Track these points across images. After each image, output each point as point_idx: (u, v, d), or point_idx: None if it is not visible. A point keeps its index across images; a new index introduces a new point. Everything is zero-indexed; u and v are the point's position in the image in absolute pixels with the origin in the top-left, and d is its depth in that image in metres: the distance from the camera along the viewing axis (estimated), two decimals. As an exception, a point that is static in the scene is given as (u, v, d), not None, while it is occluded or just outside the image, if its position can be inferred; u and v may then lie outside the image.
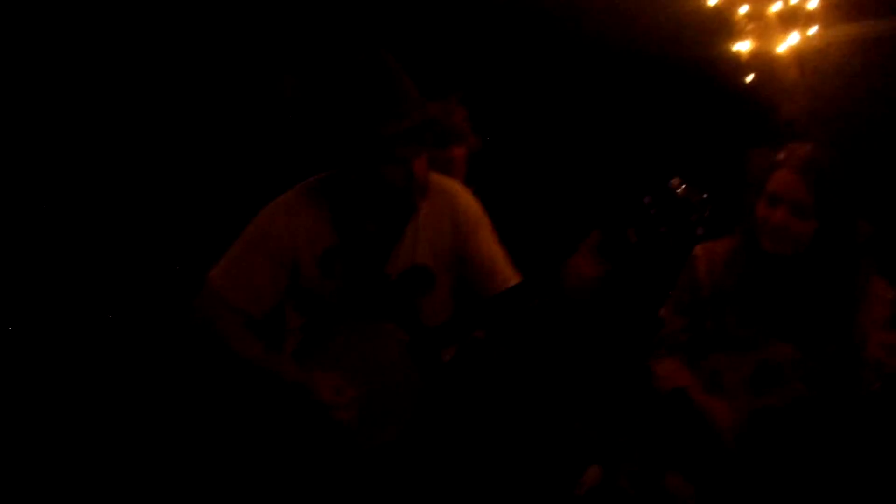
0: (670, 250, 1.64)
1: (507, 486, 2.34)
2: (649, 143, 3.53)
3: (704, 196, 1.59)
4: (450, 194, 2.07)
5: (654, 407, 2.17)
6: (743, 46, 3.42)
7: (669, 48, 3.52)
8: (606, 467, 2.49)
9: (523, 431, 2.70)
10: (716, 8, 3.43)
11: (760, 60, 3.39)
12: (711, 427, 1.98)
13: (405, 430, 1.97)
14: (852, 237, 1.97)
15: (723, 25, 3.45)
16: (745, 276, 2.03)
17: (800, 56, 3.35)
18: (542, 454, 2.74)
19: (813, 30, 3.33)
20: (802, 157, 1.94)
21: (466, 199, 2.08)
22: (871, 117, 3.18)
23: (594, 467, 2.45)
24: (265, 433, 2.02)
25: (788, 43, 3.34)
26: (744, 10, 3.39)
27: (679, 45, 3.54)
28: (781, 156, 1.97)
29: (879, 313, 1.90)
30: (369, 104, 1.83)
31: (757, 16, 3.38)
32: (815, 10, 3.32)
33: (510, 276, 2.02)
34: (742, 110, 3.41)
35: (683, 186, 1.60)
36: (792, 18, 3.36)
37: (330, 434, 1.96)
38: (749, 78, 3.43)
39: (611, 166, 3.39)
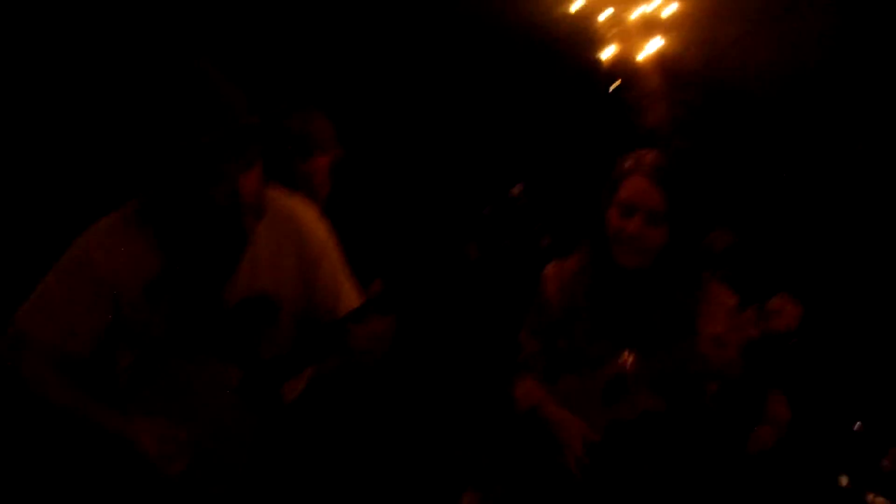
0: (515, 264, 1.56)
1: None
2: (506, 151, 3.50)
3: (548, 204, 1.51)
4: (293, 217, 1.92)
5: (517, 431, 2.12)
6: (606, 54, 3.46)
7: (534, 56, 3.52)
8: (483, 492, 2.43)
9: (389, 460, 2.60)
10: (578, 15, 3.45)
11: (623, 68, 3.44)
12: (559, 443, 1.94)
13: (242, 478, 1.81)
14: (697, 245, 1.96)
15: (586, 33, 3.48)
16: (594, 290, 1.98)
17: (661, 63, 3.42)
18: (416, 482, 2.65)
19: (671, 37, 3.41)
20: (653, 163, 1.88)
21: (311, 222, 1.94)
22: (729, 123, 3.28)
23: (470, 493, 2.38)
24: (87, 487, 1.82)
25: (648, 50, 3.41)
26: (604, 16, 3.43)
27: (544, 53, 3.54)
28: (630, 163, 1.90)
29: (721, 320, 1.89)
30: (183, 112, 1.67)
31: (617, 22, 3.42)
32: (673, 17, 3.39)
33: (355, 304, 1.90)
34: (607, 117, 3.44)
35: (524, 194, 1.51)
36: (651, 26, 3.43)
37: (160, 488, 1.77)
38: (613, 85, 3.47)
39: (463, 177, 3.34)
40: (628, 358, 1.91)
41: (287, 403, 1.88)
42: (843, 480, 2.02)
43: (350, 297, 1.93)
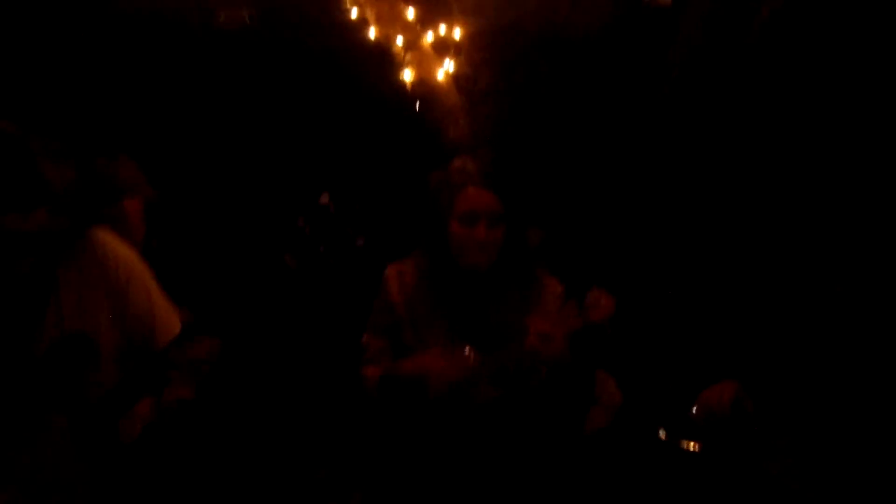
0: (333, 267, 1.63)
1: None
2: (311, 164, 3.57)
3: (357, 207, 1.59)
4: (95, 250, 1.85)
5: (371, 425, 2.15)
6: (406, 76, 3.63)
7: (340, 77, 3.62)
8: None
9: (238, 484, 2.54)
10: (377, 41, 3.61)
11: (423, 88, 3.62)
12: (424, 386, 1.98)
13: None
14: (522, 238, 2.11)
15: (386, 57, 3.64)
16: (437, 291, 2.08)
17: (456, 81, 3.64)
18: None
19: (460, 57, 3.64)
20: (479, 170, 2.02)
21: (113, 253, 1.88)
22: (521, 129, 3.54)
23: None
24: None
25: (444, 70, 3.62)
26: (399, 41, 3.60)
27: (349, 75, 3.65)
28: (456, 176, 2.03)
29: (550, 313, 2.04)
30: None
31: (413, 46, 3.61)
32: (461, 39, 3.63)
33: (174, 326, 1.88)
34: (414, 134, 3.59)
35: (333, 201, 1.59)
36: (444, 48, 3.64)
37: None
38: (416, 104, 3.63)
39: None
40: (469, 354, 2.01)
41: (126, 443, 1.81)
42: (662, 433, 2.25)
43: (166, 315, 1.88)
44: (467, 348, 1.99)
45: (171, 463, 1.95)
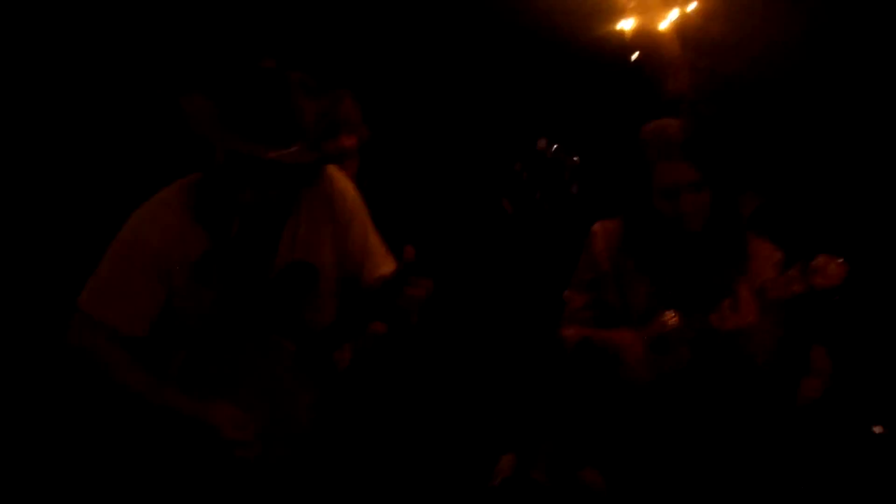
0: (548, 215, 1.60)
1: (420, 476, 2.28)
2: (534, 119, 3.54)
3: (574, 155, 1.56)
4: (324, 183, 1.95)
5: (563, 380, 2.18)
6: (627, 24, 3.47)
7: (556, 27, 3.53)
8: (521, 457, 2.47)
9: (432, 423, 2.65)
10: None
11: (644, 38, 3.45)
12: (620, 364, 2.01)
13: (304, 444, 1.86)
14: (733, 201, 2.03)
15: (607, 4, 3.49)
16: (642, 250, 2.07)
17: (681, 32, 3.42)
18: (455, 444, 2.69)
19: (692, 6, 3.41)
20: (676, 140, 1.97)
21: (341, 187, 1.98)
22: (750, 90, 3.28)
23: (508, 456, 2.42)
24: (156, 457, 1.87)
25: (669, 19, 3.41)
26: (625, -12, 3.44)
27: (566, 24, 3.55)
28: (654, 148, 1.99)
29: (767, 274, 1.97)
30: (261, 120, 1.71)
31: (638, -7, 3.44)
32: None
33: (385, 266, 1.95)
34: (630, 86, 3.46)
35: (552, 147, 1.56)
36: (670, -4, 3.44)
37: (228, 462, 1.83)
38: (634, 55, 3.48)
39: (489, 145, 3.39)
40: (672, 316, 1.99)
41: (341, 371, 1.93)
42: (878, 429, 2.08)
43: (380, 258, 1.98)
44: (670, 312, 1.97)
45: (376, 393, 2.07)
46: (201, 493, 1.84)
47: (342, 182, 2.01)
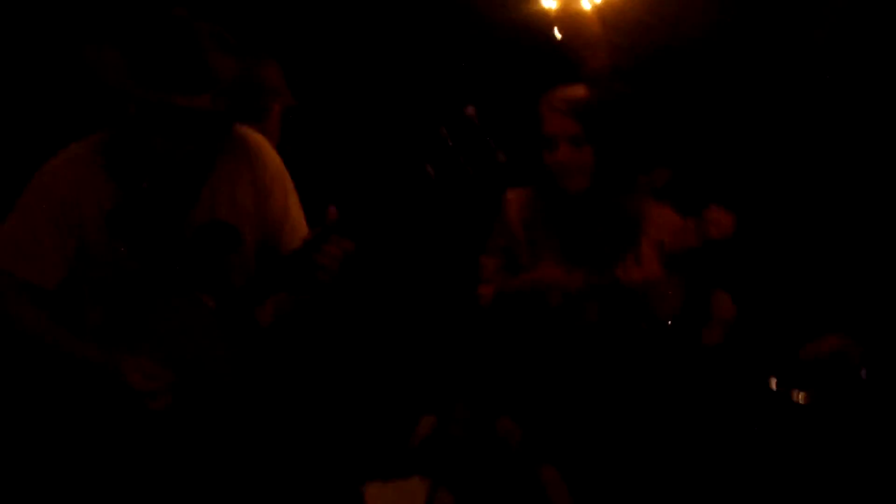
0: (473, 181, 1.65)
1: (340, 442, 2.31)
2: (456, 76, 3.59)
3: (501, 122, 1.61)
4: (247, 146, 1.98)
5: (481, 341, 2.24)
6: (550, 3, 3.55)
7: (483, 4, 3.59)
8: (440, 417, 2.52)
9: (353, 386, 2.68)
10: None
11: (567, 17, 3.53)
12: (543, 291, 2.09)
13: (227, 404, 1.87)
14: (628, 168, 2.14)
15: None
16: (548, 213, 2.16)
17: (601, 13, 3.52)
18: (375, 408, 2.73)
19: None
20: (563, 97, 2.13)
21: (264, 151, 2.01)
22: (666, 68, 3.40)
23: (428, 417, 2.48)
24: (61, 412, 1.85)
25: (591, 0, 3.50)
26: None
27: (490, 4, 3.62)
28: (545, 103, 2.17)
29: (667, 228, 2.08)
30: (167, 69, 1.72)
31: (560, -27, 3.51)
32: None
33: (301, 233, 1.97)
34: (551, 63, 3.54)
35: (476, 114, 1.60)
36: (592, -23, 3.52)
37: (137, 414, 1.82)
38: (557, 34, 3.56)
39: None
40: (580, 275, 2.08)
41: (262, 328, 1.94)
42: (772, 383, 2.21)
43: (298, 225, 1.99)
44: (575, 269, 2.05)
45: (298, 351, 2.09)
46: (112, 442, 1.83)
47: (264, 147, 2.03)
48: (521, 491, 2.12)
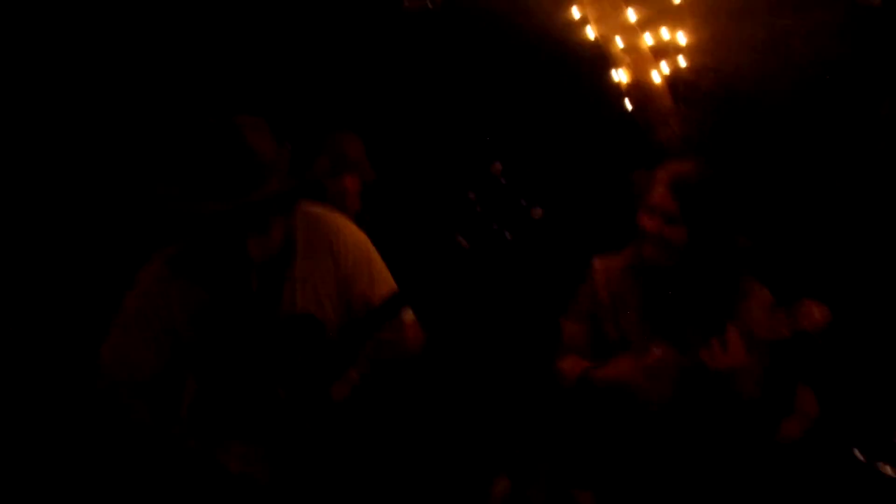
0: (510, 244, 1.55)
1: (417, 498, 2.33)
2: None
3: (532, 177, 1.53)
4: (329, 233, 1.97)
5: (559, 412, 2.24)
6: (622, 76, 3.63)
7: (556, 76, 3.70)
8: (515, 479, 2.53)
9: (429, 449, 2.69)
10: (595, 41, 3.64)
11: (638, 89, 3.60)
12: (624, 390, 2.06)
13: (313, 472, 1.94)
14: (723, 244, 2.12)
15: (602, 57, 3.66)
16: (638, 285, 2.16)
17: (672, 85, 3.59)
18: (451, 468, 2.74)
19: (682, 62, 3.58)
20: (669, 171, 2.13)
21: (345, 236, 1.99)
22: (736, 140, 3.42)
23: (503, 478, 2.48)
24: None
25: (661, 73, 3.58)
26: (620, 43, 3.61)
27: (564, 73, 3.72)
28: (657, 174, 2.15)
29: (757, 314, 2.04)
30: (184, 179, 1.75)
31: (632, 48, 3.60)
32: (684, 44, 3.57)
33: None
34: (624, 134, 3.60)
35: (502, 171, 1.50)
36: (663, 51, 3.61)
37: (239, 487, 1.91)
38: (629, 105, 3.63)
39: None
40: (664, 351, 2.07)
41: (336, 402, 1.98)
42: (858, 454, 2.15)
43: (385, 294, 2.02)
44: (656, 348, 2.03)
45: (372, 421, 2.13)
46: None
47: (343, 230, 2.00)
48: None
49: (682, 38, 3.60)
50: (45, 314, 3.16)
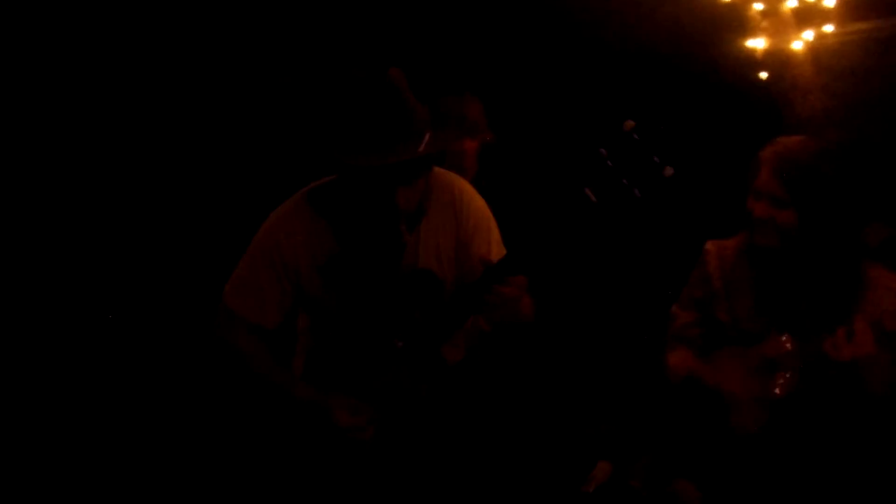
0: (638, 203, 1.51)
1: (516, 480, 2.35)
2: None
3: (664, 132, 1.46)
4: (452, 195, 2.00)
5: (666, 403, 2.19)
6: (757, 43, 3.41)
7: (683, 44, 3.52)
8: (616, 464, 2.50)
9: (532, 426, 2.70)
10: (730, 4, 3.42)
11: (775, 57, 3.39)
12: (726, 410, 2.00)
13: (415, 430, 1.97)
14: (842, 228, 1.98)
15: (737, 21, 3.45)
16: (752, 270, 2.06)
17: (815, 54, 3.35)
18: (552, 448, 2.75)
19: (828, 28, 3.33)
20: (776, 151, 1.98)
21: (468, 200, 2.01)
22: (886, 117, 3.18)
23: (604, 463, 2.46)
24: (273, 437, 2.03)
25: (803, 40, 3.34)
26: (758, 6, 3.38)
27: (693, 40, 3.53)
28: (762, 154, 2.01)
29: (887, 304, 1.92)
30: (343, 133, 1.78)
31: (772, 12, 3.37)
32: (832, 8, 3.30)
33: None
34: (756, 107, 3.41)
35: (636, 127, 1.46)
36: (807, 16, 3.36)
37: (343, 446, 1.96)
38: (763, 75, 3.42)
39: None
40: (786, 341, 1.98)
41: (450, 366, 2.01)
42: None
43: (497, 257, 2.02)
44: (784, 336, 1.94)
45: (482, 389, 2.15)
46: (319, 470, 1.98)
47: (467, 194, 2.03)
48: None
49: (829, 1, 3.33)
50: (46, 313, 3.24)
